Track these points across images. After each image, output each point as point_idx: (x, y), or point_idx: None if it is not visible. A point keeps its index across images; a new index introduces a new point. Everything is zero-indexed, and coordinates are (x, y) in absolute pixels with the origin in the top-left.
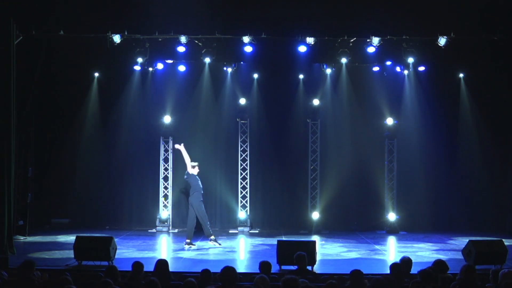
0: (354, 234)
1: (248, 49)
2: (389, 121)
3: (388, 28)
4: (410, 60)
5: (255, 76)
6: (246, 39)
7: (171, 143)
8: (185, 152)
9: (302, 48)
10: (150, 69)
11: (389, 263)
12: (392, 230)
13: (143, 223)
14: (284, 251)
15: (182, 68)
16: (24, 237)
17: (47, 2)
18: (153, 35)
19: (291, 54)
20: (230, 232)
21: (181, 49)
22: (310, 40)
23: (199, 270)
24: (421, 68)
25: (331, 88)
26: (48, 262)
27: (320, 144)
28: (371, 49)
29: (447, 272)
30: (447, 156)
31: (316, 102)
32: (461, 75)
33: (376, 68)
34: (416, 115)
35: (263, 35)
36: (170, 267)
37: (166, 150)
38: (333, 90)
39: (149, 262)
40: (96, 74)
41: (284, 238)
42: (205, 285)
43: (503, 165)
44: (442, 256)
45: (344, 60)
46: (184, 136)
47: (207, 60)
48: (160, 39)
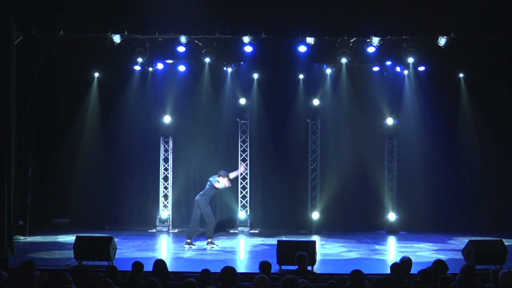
0: (354, 234)
1: (248, 49)
2: (389, 121)
3: (388, 28)
4: (410, 60)
5: (255, 76)
6: (246, 39)
7: (171, 143)
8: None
9: (302, 48)
10: (150, 69)
11: (389, 263)
12: (392, 230)
13: (143, 223)
14: (284, 251)
15: (182, 68)
16: (24, 237)
17: (47, 2)
18: (153, 35)
19: (291, 54)
20: (230, 232)
21: (181, 49)
22: (310, 40)
23: (199, 270)
24: (421, 68)
25: (331, 88)
26: (48, 262)
27: (320, 144)
28: (371, 49)
29: (447, 272)
30: (447, 156)
31: (316, 102)
32: (461, 75)
33: (376, 68)
34: (416, 115)
35: (263, 35)
36: (170, 267)
37: (166, 150)
38: (333, 90)
39: (149, 262)
40: (96, 74)
41: (284, 238)
42: (205, 285)
43: (503, 165)
44: (442, 256)
45: (344, 60)
46: (184, 136)
47: (207, 60)
48: (160, 39)
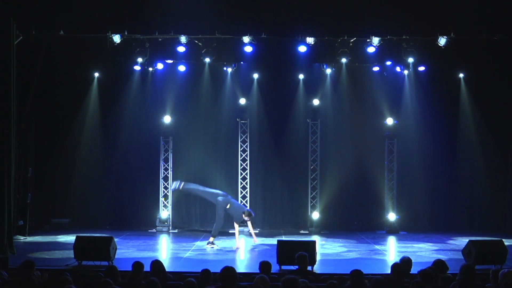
0: (354, 234)
1: (248, 49)
2: (389, 121)
3: (388, 28)
4: (410, 60)
5: (255, 76)
6: (246, 39)
7: (171, 143)
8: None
9: (302, 48)
10: (150, 69)
11: (389, 263)
12: (392, 230)
13: (143, 223)
14: (284, 251)
15: (182, 68)
16: (24, 237)
17: (47, 2)
18: (153, 35)
19: (291, 54)
20: (230, 232)
21: (181, 49)
22: (310, 40)
23: (199, 270)
24: (421, 68)
25: (331, 88)
26: (48, 262)
27: (320, 144)
28: (371, 49)
29: (447, 272)
30: (447, 156)
31: (316, 102)
32: (461, 75)
33: (376, 68)
34: (416, 115)
35: (263, 35)
36: (170, 267)
37: (166, 150)
38: (333, 90)
39: (149, 262)
40: (96, 74)
41: (284, 238)
42: (205, 285)
43: (503, 165)
44: (442, 256)
45: (344, 60)
46: (184, 136)
47: (207, 60)
48: (160, 39)
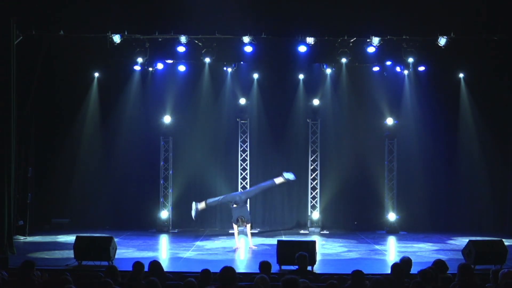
0: (354, 234)
1: (248, 49)
2: (389, 121)
3: (388, 28)
4: (410, 60)
5: (255, 76)
6: (246, 39)
7: (171, 143)
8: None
9: (302, 48)
10: (150, 69)
11: (389, 263)
12: (392, 230)
13: (143, 223)
14: (284, 251)
15: (182, 68)
16: (24, 237)
17: (47, 2)
18: (153, 35)
19: (291, 54)
20: (230, 232)
21: (181, 49)
22: (310, 40)
23: (199, 270)
24: (421, 68)
25: (331, 88)
26: (48, 262)
27: (320, 144)
28: (371, 49)
29: (447, 272)
30: (447, 156)
31: (316, 102)
32: (461, 75)
33: (376, 68)
34: (416, 115)
35: (263, 35)
36: (170, 267)
37: (166, 150)
38: (333, 90)
39: (149, 262)
40: (96, 74)
41: (284, 238)
42: (205, 285)
43: (503, 165)
44: (442, 256)
45: (344, 60)
46: (184, 136)
47: (207, 60)
48: (160, 39)
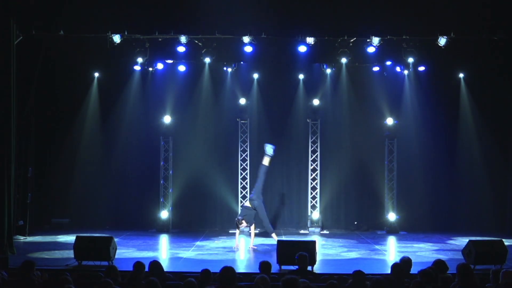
0: (354, 234)
1: (248, 49)
2: (389, 121)
3: (388, 28)
4: (410, 60)
5: (255, 76)
6: (246, 39)
7: (171, 143)
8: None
9: (302, 48)
10: (150, 69)
11: (389, 263)
12: (392, 230)
13: (143, 223)
14: (284, 251)
15: (182, 68)
16: (24, 237)
17: (47, 2)
18: (153, 35)
19: (291, 54)
20: (230, 232)
21: (181, 49)
22: (310, 40)
23: (199, 270)
24: (421, 68)
25: (331, 88)
26: (48, 262)
27: (320, 144)
28: (371, 49)
29: (447, 272)
30: (447, 156)
31: (316, 102)
32: (461, 75)
33: (376, 68)
34: (416, 115)
35: (263, 35)
36: (170, 267)
37: (166, 150)
38: (333, 90)
39: (149, 262)
40: (96, 74)
41: (284, 238)
42: (205, 285)
43: (503, 165)
44: (442, 256)
45: (344, 60)
46: (184, 136)
47: (207, 60)
48: (160, 39)
